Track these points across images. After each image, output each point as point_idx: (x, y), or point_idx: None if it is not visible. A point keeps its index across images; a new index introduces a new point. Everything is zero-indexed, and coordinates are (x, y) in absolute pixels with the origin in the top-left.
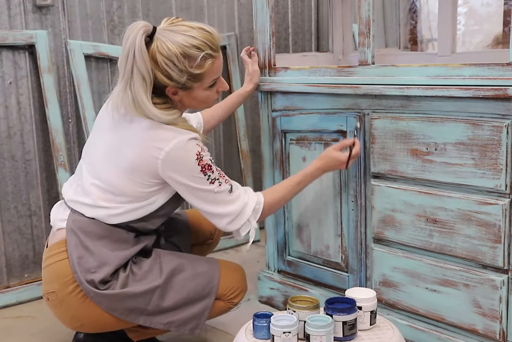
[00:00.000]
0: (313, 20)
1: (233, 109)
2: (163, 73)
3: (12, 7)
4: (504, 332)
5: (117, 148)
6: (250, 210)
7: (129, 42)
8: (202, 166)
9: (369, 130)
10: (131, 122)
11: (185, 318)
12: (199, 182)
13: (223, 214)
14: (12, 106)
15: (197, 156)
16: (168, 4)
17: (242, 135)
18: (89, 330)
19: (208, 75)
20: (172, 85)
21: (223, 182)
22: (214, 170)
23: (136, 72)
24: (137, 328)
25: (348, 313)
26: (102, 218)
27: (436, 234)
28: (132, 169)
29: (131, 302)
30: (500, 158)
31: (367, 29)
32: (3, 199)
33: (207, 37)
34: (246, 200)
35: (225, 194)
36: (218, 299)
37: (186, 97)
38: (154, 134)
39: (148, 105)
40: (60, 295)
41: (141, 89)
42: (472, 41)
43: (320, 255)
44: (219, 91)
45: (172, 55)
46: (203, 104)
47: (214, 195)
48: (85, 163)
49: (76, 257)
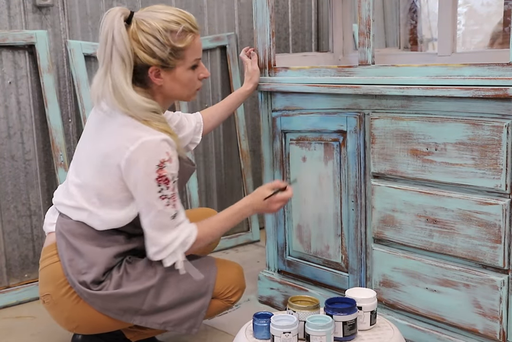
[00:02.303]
0: (313, 20)
1: (233, 108)
2: (146, 51)
3: (12, 7)
4: (504, 332)
5: (93, 146)
6: (178, 243)
7: (107, 26)
8: (159, 176)
9: (369, 130)
10: (111, 119)
11: (181, 318)
12: (149, 192)
13: (154, 242)
14: (12, 106)
15: (160, 163)
16: (167, 4)
17: (242, 135)
18: (86, 331)
19: (189, 52)
20: (155, 64)
21: (171, 204)
22: (171, 188)
23: (115, 55)
24: (134, 328)
25: (348, 313)
26: (86, 222)
27: (436, 234)
28: (103, 167)
29: (124, 302)
30: (500, 158)
31: (367, 29)
32: (3, 199)
33: (185, 15)
34: (178, 232)
35: (167, 217)
36: (215, 298)
37: (169, 80)
38: (125, 132)
39: (126, 89)
40: (54, 297)
41: (121, 72)
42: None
43: (320, 255)
44: (200, 77)
45: (155, 30)
46: (185, 89)
47: (157, 213)
48: (73, 163)
49: (66, 259)
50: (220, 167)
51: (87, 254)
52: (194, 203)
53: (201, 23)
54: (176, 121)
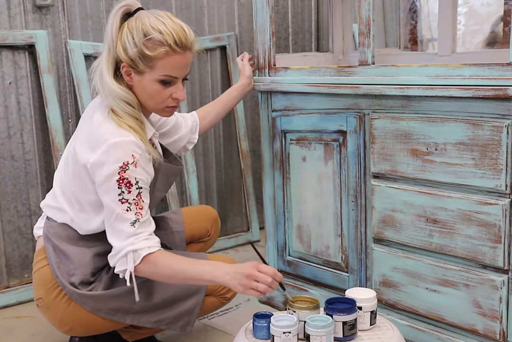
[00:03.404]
0: (313, 20)
1: (230, 104)
2: (122, 44)
3: (12, 7)
4: (504, 332)
5: (73, 146)
6: (130, 249)
7: (112, 12)
8: (120, 178)
9: (369, 130)
10: (88, 120)
11: (174, 316)
12: (109, 193)
13: (112, 244)
14: (12, 106)
15: (122, 165)
16: (168, 4)
17: (242, 135)
18: (80, 333)
19: (160, 65)
20: (125, 61)
21: (132, 211)
22: (133, 192)
23: (105, 42)
24: (129, 328)
25: (348, 313)
26: (71, 225)
27: (436, 234)
28: (73, 167)
29: (115, 302)
30: (500, 159)
31: (367, 29)
32: (3, 199)
33: (179, 31)
34: (134, 240)
35: (125, 222)
36: (210, 295)
37: (137, 84)
38: (98, 131)
39: (105, 75)
40: (46, 301)
41: (104, 59)
42: (472, 41)
43: (320, 255)
44: (173, 97)
45: (135, 28)
46: (151, 100)
47: (116, 216)
48: (59, 164)
49: (54, 262)
50: (220, 167)
51: (73, 255)
52: (194, 203)
53: (201, 23)
54: (172, 122)
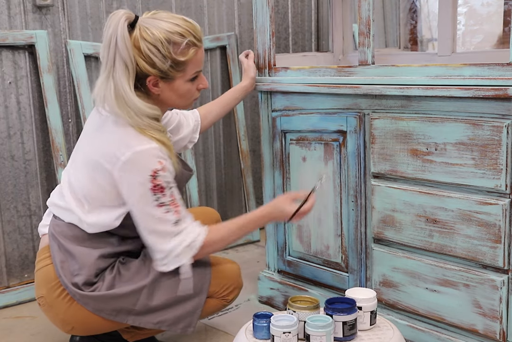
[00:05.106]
0: (313, 20)
1: (231, 105)
2: (146, 60)
3: (12, 7)
4: (504, 332)
5: (86, 151)
6: (182, 247)
7: (111, 30)
8: (154, 185)
9: (369, 130)
10: (108, 124)
11: (176, 317)
12: (146, 201)
13: (158, 249)
14: (12, 106)
15: (152, 173)
16: (168, 4)
17: (242, 135)
18: (81, 333)
19: (191, 65)
20: (154, 74)
21: (172, 211)
22: (167, 195)
23: (119, 61)
24: (130, 329)
25: (348, 313)
26: (79, 225)
27: (436, 234)
28: (93, 172)
29: (117, 303)
30: (500, 159)
31: (367, 29)
32: (3, 199)
33: (190, 26)
34: (183, 237)
35: (168, 224)
36: (211, 297)
37: (166, 90)
38: (115, 140)
39: (130, 94)
40: (48, 300)
41: (124, 78)
42: (472, 41)
43: (320, 255)
44: (199, 88)
45: (157, 40)
46: (182, 99)
47: (157, 220)
48: (69, 162)
49: (59, 261)
50: (220, 167)
51: (78, 255)
52: (194, 203)
53: (201, 23)
54: (176, 121)
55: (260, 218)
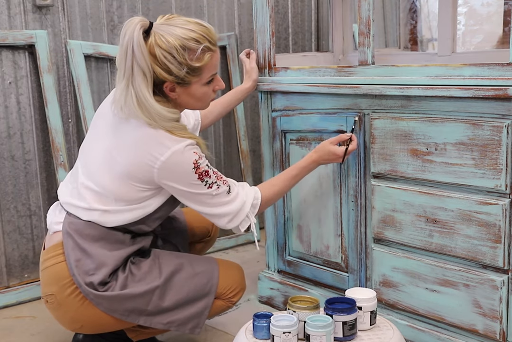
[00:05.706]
0: (313, 20)
1: (232, 106)
2: (162, 67)
3: (12, 7)
4: (504, 332)
5: (113, 153)
6: (248, 207)
7: (127, 38)
8: (199, 174)
9: (369, 130)
10: (129, 126)
11: (185, 318)
12: (196, 188)
13: (222, 214)
14: (12, 106)
15: (194, 165)
16: (168, 4)
17: (242, 135)
18: (89, 331)
19: (206, 70)
20: (170, 80)
21: (221, 184)
22: (211, 174)
23: (137, 69)
24: (136, 328)
25: (348, 313)
26: (97, 221)
27: (436, 234)
28: (127, 175)
29: (130, 303)
30: (500, 159)
31: (367, 29)
32: (3, 199)
33: (205, 31)
34: (244, 197)
35: (223, 195)
36: (217, 298)
37: (183, 94)
38: (149, 142)
39: (151, 101)
40: (59, 297)
41: (143, 85)
42: (472, 41)
43: (320, 255)
44: (215, 89)
45: (172, 47)
46: (200, 102)
47: (212, 198)
48: (81, 164)
49: (73, 260)
50: (220, 167)
51: (95, 255)
52: None
53: None
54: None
55: (311, 163)
